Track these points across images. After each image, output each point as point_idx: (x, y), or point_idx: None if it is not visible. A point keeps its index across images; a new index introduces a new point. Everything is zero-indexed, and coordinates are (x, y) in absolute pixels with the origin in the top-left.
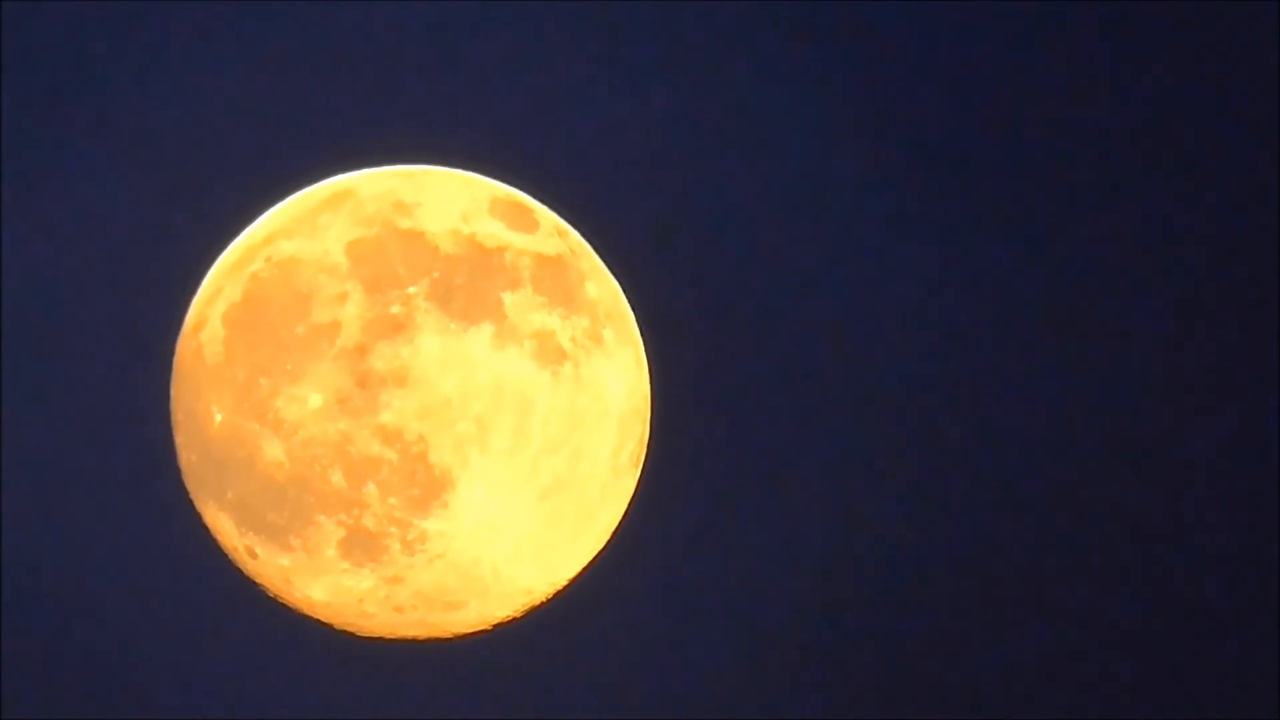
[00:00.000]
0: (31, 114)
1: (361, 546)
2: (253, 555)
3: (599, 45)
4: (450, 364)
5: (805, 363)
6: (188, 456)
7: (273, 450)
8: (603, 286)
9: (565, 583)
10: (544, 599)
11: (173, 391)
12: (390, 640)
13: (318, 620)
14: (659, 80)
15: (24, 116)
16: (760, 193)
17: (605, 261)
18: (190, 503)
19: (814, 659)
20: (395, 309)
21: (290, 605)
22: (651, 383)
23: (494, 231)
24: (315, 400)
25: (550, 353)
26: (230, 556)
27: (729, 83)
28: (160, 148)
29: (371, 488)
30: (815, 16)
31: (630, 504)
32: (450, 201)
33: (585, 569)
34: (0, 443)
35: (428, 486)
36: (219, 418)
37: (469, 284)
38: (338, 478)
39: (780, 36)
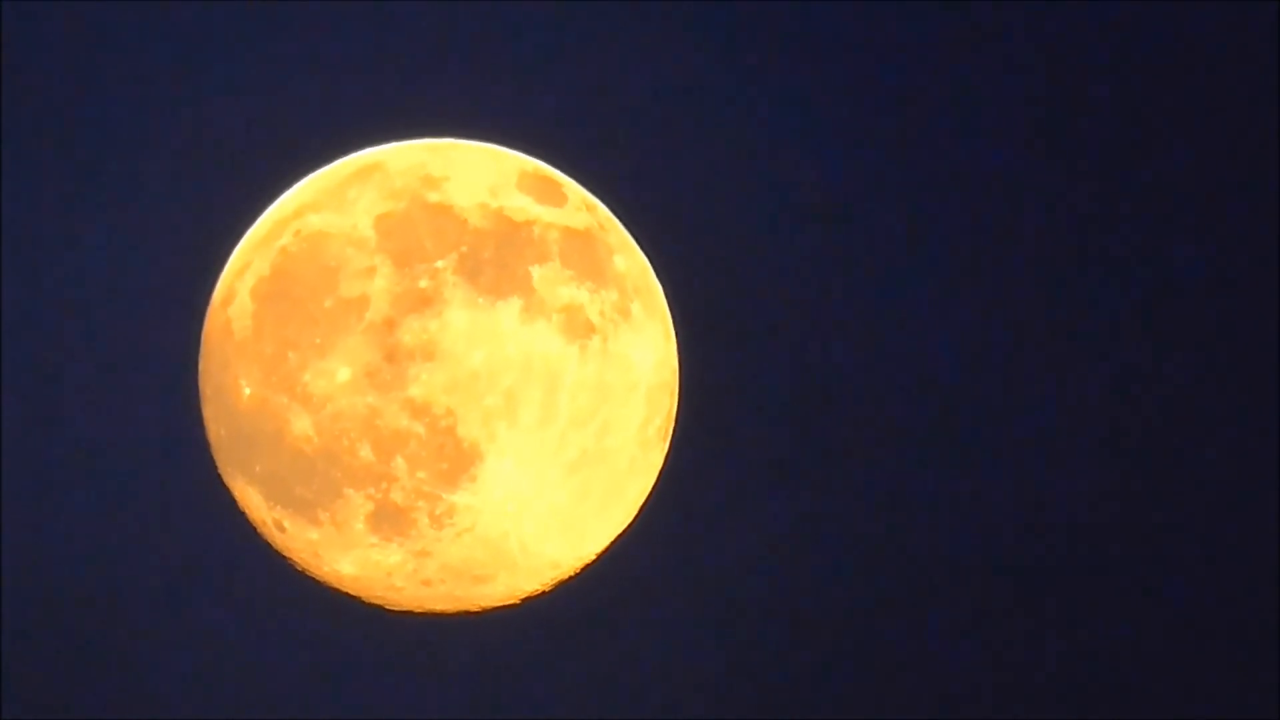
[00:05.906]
0: (63, 88)
1: (390, 520)
2: (281, 529)
3: (627, 18)
4: (478, 338)
5: (833, 337)
6: (216, 430)
7: (301, 424)
8: (631, 260)
9: (593, 556)
10: (572, 572)
11: (201, 365)
12: (418, 614)
13: (346, 594)
14: (688, 54)
15: (56, 90)
16: (789, 167)
17: (633, 235)
18: (219, 477)
19: (840, 632)
20: (423, 283)
21: (318, 579)
22: (680, 356)
23: (522, 205)
24: (344, 374)
25: (578, 326)
26: (259, 530)
27: (759, 57)
28: (190, 122)
29: (400, 461)
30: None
31: (658, 478)
32: (478, 175)
33: (613, 543)
34: (5, 419)
35: (456, 460)
36: (247, 391)
37: (497, 258)
38: (366, 451)
39: (817, 14)
